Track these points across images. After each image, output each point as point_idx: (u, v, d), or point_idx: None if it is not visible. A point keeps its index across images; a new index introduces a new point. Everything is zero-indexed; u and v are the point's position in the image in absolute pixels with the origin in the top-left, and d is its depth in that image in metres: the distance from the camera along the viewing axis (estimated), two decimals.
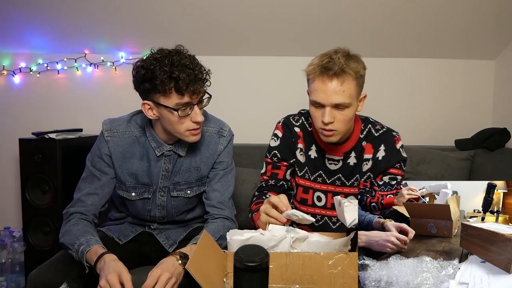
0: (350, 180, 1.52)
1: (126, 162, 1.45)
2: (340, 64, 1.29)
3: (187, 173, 1.49)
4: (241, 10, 2.26)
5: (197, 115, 1.33)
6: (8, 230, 2.35)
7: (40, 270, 1.31)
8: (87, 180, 1.45)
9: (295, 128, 1.54)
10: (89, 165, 1.46)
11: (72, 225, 1.36)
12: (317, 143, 1.53)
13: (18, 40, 2.47)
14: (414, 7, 2.22)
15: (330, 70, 1.29)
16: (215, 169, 1.51)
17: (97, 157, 1.45)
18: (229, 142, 1.53)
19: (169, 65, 1.26)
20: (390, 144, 1.48)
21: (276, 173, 1.55)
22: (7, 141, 2.55)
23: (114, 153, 1.44)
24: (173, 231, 1.56)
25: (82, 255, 1.25)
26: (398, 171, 1.49)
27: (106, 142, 1.44)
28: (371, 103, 2.53)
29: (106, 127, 1.46)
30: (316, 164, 1.53)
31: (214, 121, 1.54)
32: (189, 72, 1.27)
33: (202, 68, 1.34)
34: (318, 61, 1.33)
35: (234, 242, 1.03)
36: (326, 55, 1.33)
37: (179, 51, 1.34)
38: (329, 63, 1.30)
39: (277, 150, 1.55)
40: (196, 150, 1.48)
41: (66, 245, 1.33)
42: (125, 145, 1.45)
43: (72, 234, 1.32)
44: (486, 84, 2.55)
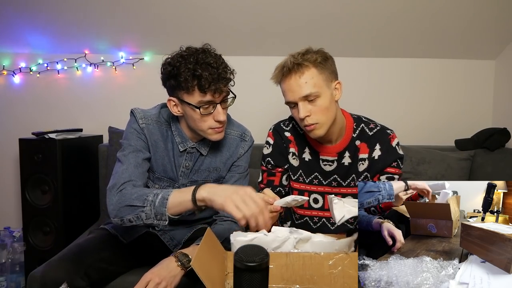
0: (346, 180, 1.52)
1: (158, 152, 1.45)
2: (293, 60, 1.36)
3: (206, 173, 1.50)
4: (241, 10, 2.26)
5: (220, 114, 1.33)
6: (8, 230, 2.35)
7: (49, 266, 1.29)
8: (130, 155, 1.35)
9: (286, 133, 1.56)
10: (130, 143, 1.38)
11: (130, 190, 1.23)
12: (310, 145, 1.54)
13: (18, 40, 2.47)
14: (414, 8, 2.22)
15: (285, 68, 1.37)
16: (231, 172, 1.53)
17: (137, 137, 1.40)
18: (250, 148, 1.56)
19: (193, 63, 1.27)
20: (385, 143, 1.48)
21: (272, 180, 1.57)
22: (7, 141, 2.56)
23: (150, 139, 1.43)
24: (178, 232, 1.56)
25: (162, 201, 1.14)
26: (395, 170, 1.49)
27: (141, 128, 1.42)
28: (372, 103, 2.55)
29: (140, 115, 1.43)
30: (311, 166, 1.53)
31: (237, 125, 1.57)
32: (212, 70, 1.27)
33: (227, 68, 1.33)
34: (277, 67, 1.42)
35: (237, 243, 1.03)
36: (282, 61, 1.41)
37: (206, 49, 1.34)
38: (285, 63, 1.38)
39: (270, 157, 1.57)
40: (218, 151, 1.50)
41: (130, 208, 1.19)
42: (157, 134, 1.45)
43: (135, 195, 1.20)
44: (486, 84, 2.55)
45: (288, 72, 1.37)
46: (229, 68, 1.34)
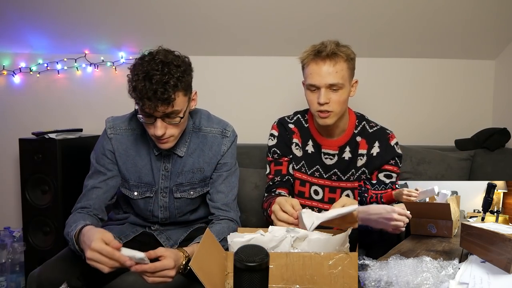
0: (346, 174, 1.56)
1: (129, 160, 1.46)
2: (332, 47, 1.41)
3: (190, 174, 1.48)
4: (240, 10, 2.26)
5: (156, 129, 1.28)
6: (8, 230, 2.35)
7: (45, 267, 1.30)
8: (92, 176, 1.45)
9: (289, 125, 1.62)
10: (94, 162, 1.47)
11: (70, 217, 1.35)
12: (313, 138, 1.58)
13: (18, 40, 2.47)
14: (414, 7, 2.22)
15: (322, 52, 1.41)
16: (218, 171, 1.51)
17: (101, 154, 1.45)
18: (233, 143, 1.52)
19: (137, 71, 1.24)
20: (384, 141, 1.53)
21: (280, 169, 1.60)
22: (7, 141, 2.55)
23: (117, 150, 1.44)
24: (174, 232, 1.55)
25: (72, 241, 1.22)
26: (393, 168, 1.52)
27: (109, 139, 1.44)
28: (372, 103, 2.55)
29: (109, 125, 1.47)
30: (313, 158, 1.58)
31: (217, 121, 1.53)
32: (149, 86, 1.21)
33: (168, 86, 1.22)
34: (311, 47, 1.45)
35: (235, 244, 1.03)
36: (317, 44, 1.45)
37: (151, 59, 1.25)
38: (321, 47, 1.42)
39: (276, 147, 1.61)
40: (199, 151, 1.48)
41: (65, 238, 1.31)
42: (127, 142, 1.45)
43: (67, 225, 1.31)
44: (486, 84, 2.54)
45: (325, 57, 1.40)
46: (171, 87, 1.22)
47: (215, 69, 2.54)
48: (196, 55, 2.56)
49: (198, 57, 2.61)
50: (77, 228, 1.21)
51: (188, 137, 1.47)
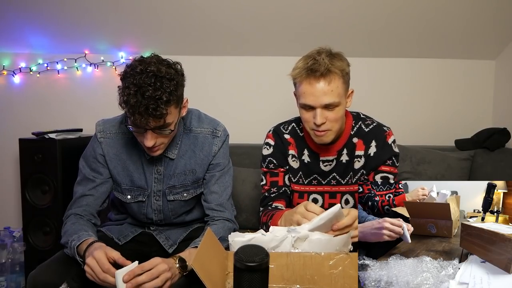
0: (345, 178, 1.51)
1: (120, 164, 1.44)
2: (326, 65, 1.29)
3: (183, 176, 1.46)
4: (241, 10, 2.26)
5: (147, 140, 1.27)
6: (8, 230, 2.35)
7: (40, 269, 1.30)
8: (81, 183, 1.45)
9: (285, 135, 1.55)
10: (82, 168, 1.45)
11: (69, 226, 1.36)
12: (309, 147, 1.52)
13: (18, 40, 2.47)
14: (414, 7, 2.22)
15: (316, 72, 1.29)
16: (211, 171, 1.48)
17: (92, 157, 1.44)
18: (224, 143, 1.49)
19: (128, 83, 1.20)
20: (381, 139, 1.47)
21: (276, 180, 1.54)
22: (7, 141, 2.55)
23: (108, 154, 1.43)
24: (173, 232, 1.55)
25: (74, 251, 1.25)
26: (390, 168, 1.47)
27: (99, 143, 1.43)
28: (372, 103, 2.55)
29: (99, 128, 1.46)
30: (310, 167, 1.52)
31: (208, 121, 1.50)
32: (140, 100, 1.18)
33: (161, 101, 1.19)
34: (302, 63, 1.33)
35: (236, 243, 1.03)
36: (310, 57, 1.33)
37: (144, 70, 1.21)
38: (314, 65, 1.30)
39: (272, 157, 1.54)
40: (190, 152, 1.46)
41: (63, 245, 1.34)
42: (118, 146, 1.44)
43: (67, 233, 1.33)
44: (486, 84, 2.55)
45: (319, 76, 1.30)
46: (164, 103, 1.19)
47: (215, 69, 2.55)
48: (196, 55, 2.59)
49: (198, 57, 2.63)
50: (82, 240, 1.25)
51: (179, 139, 1.45)
